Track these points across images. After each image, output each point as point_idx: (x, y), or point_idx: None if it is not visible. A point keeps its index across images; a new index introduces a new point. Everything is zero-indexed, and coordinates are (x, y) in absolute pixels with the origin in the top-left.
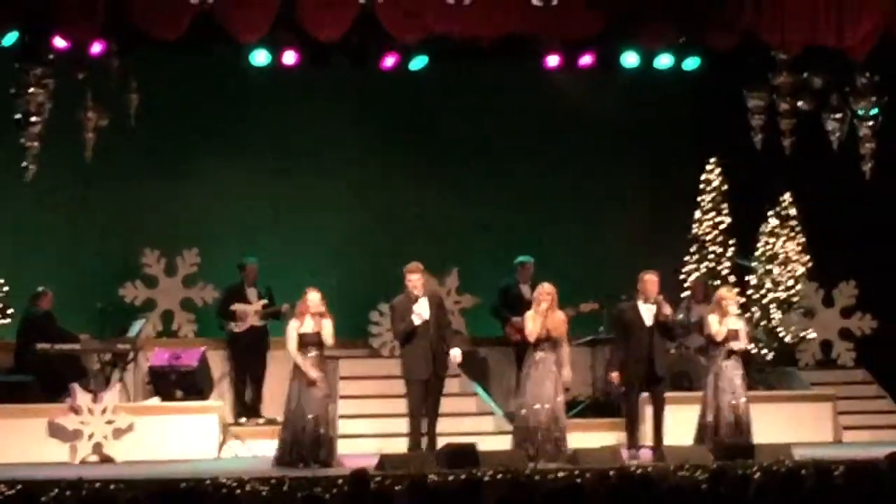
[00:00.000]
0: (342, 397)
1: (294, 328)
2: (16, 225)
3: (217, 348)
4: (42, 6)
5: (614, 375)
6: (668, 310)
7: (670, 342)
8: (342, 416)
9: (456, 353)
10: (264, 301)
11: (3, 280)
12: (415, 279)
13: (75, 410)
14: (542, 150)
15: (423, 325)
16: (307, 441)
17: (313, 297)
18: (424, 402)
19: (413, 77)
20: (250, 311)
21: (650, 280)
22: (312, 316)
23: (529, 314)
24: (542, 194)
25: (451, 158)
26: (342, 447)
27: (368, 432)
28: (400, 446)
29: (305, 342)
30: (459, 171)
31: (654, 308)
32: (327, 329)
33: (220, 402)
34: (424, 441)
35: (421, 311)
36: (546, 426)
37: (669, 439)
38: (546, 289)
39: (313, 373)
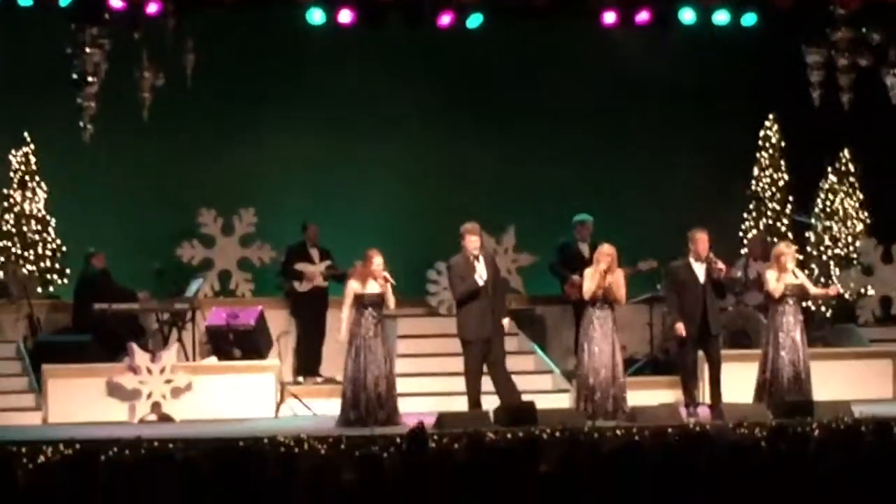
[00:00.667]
0: (400, 356)
1: (354, 288)
2: (73, 185)
3: (275, 307)
4: None
5: (679, 327)
6: (721, 266)
7: (722, 300)
8: (400, 375)
9: (506, 322)
10: (328, 262)
11: (60, 241)
12: (474, 240)
13: (133, 370)
14: (598, 109)
15: (482, 286)
16: (369, 400)
17: (377, 260)
18: (482, 362)
19: (469, 35)
20: (316, 272)
21: (700, 238)
22: (375, 278)
23: (588, 272)
24: (598, 152)
25: (507, 117)
26: (401, 406)
27: (427, 391)
28: (458, 405)
29: (366, 303)
30: (516, 130)
31: (705, 266)
32: (390, 291)
33: (277, 361)
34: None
35: (480, 272)
36: (605, 384)
37: (729, 397)
38: (606, 249)
39: (342, 334)
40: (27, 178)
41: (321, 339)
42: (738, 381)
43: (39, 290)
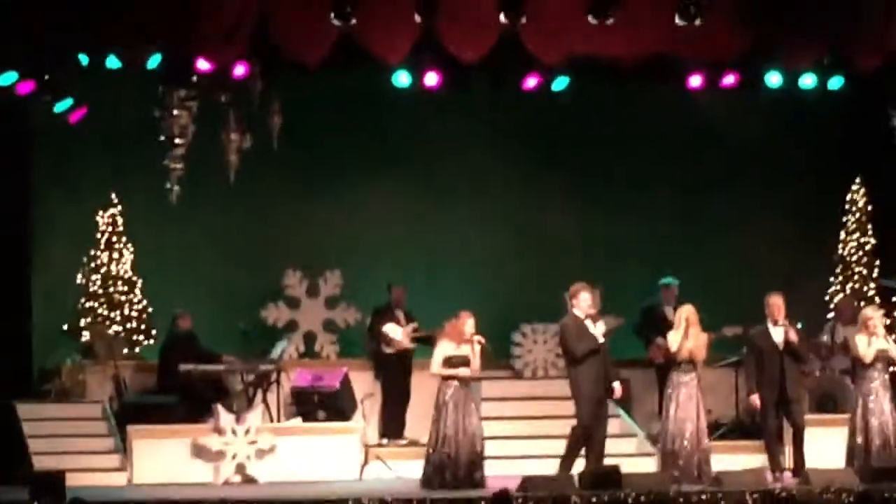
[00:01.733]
0: (483, 419)
1: (444, 350)
2: (160, 246)
3: (359, 369)
4: (186, 29)
5: (754, 398)
6: (793, 336)
7: (801, 364)
8: (484, 438)
9: (616, 386)
10: (415, 324)
11: (146, 302)
12: (588, 298)
13: (219, 431)
14: (685, 171)
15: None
16: (458, 462)
17: (470, 322)
18: (597, 422)
19: (555, 97)
20: (403, 334)
21: (773, 303)
22: (466, 340)
23: (672, 334)
24: (685, 215)
25: (593, 178)
26: (486, 469)
27: (510, 454)
28: (541, 468)
29: (455, 364)
30: (601, 191)
31: (783, 330)
32: (478, 355)
33: (361, 423)
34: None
35: (597, 332)
36: (689, 448)
37: (815, 462)
38: (688, 310)
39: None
40: (114, 238)
41: (406, 402)
42: (825, 446)
43: (126, 350)
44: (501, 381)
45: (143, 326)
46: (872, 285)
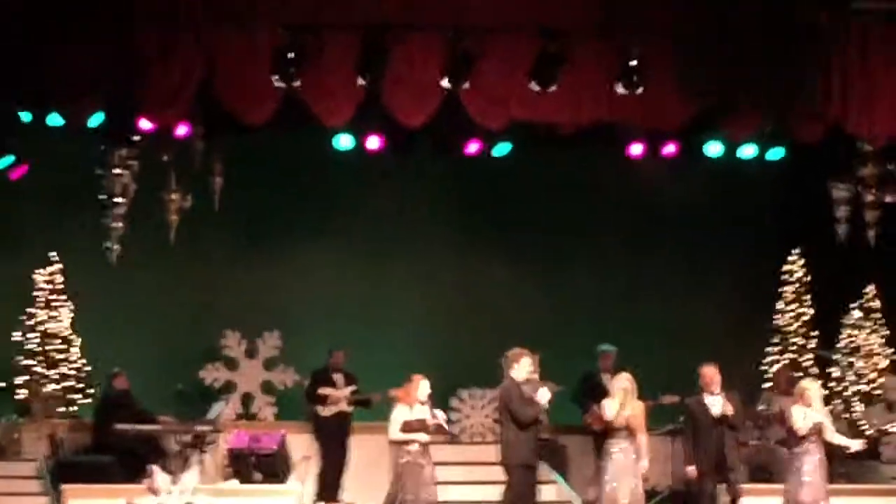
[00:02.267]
0: None
1: (401, 414)
2: (99, 305)
3: (297, 432)
4: (129, 88)
5: (690, 470)
6: (729, 408)
7: (736, 433)
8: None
9: (440, 414)
10: (352, 387)
11: (85, 360)
12: (529, 362)
13: (154, 491)
14: (624, 239)
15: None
16: None
17: (424, 386)
18: (527, 489)
19: (497, 162)
20: (341, 397)
21: (706, 373)
22: (422, 404)
23: (607, 402)
24: (624, 283)
25: (533, 244)
26: None
27: None
28: None
29: (413, 428)
30: (542, 258)
31: (720, 399)
32: (442, 417)
33: (298, 485)
34: None
35: (541, 400)
36: None
37: None
38: (625, 378)
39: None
40: (52, 297)
41: (343, 465)
42: None
43: (62, 409)
44: (439, 447)
45: (79, 385)
46: (809, 356)
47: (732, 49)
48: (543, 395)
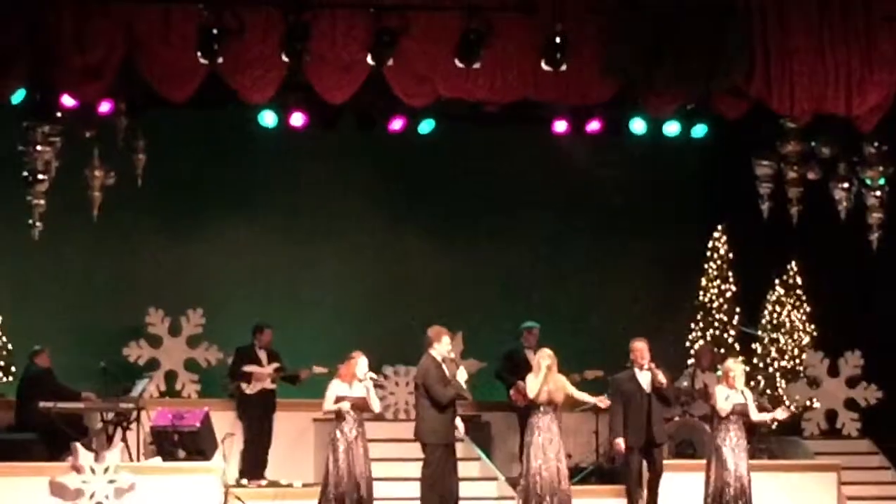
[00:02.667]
0: None
1: (336, 389)
2: (20, 282)
3: (220, 409)
4: (51, 64)
5: (618, 442)
6: (662, 378)
7: (668, 409)
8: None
9: (459, 423)
10: (277, 364)
11: (5, 338)
12: (448, 340)
13: (77, 469)
14: (548, 215)
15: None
16: (351, 502)
17: (363, 362)
18: (444, 468)
19: (421, 139)
20: (265, 374)
21: (638, 348)
22: (360, 381)
23: (530, 378)
24: (547, 259)
25: (458, 221)
26: None
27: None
28: None
29: (357, 407)
30: (466, 234)
31: (649, 375)
32: (374, 395)
33: (222, 463)
34: None
35: (462, 377)
36: (549, 492)
37: None
38: (546, 352)
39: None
40: None
41: (268, 442)
42: (683, 491)
43: None
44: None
45: (1, 363)
46: (732, 332)
47: (654, 25)
48: (461, 376)
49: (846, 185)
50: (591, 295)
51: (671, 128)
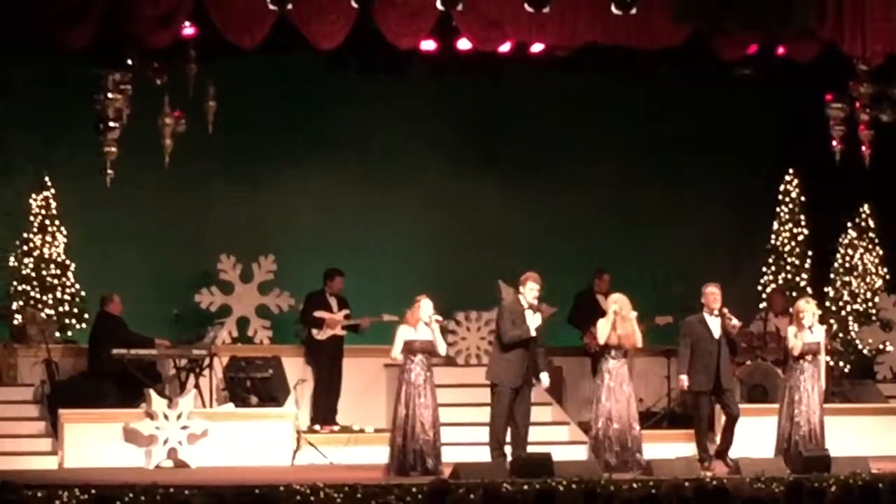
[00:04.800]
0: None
1: (403, 334)
2: (93, 230)
3: (292, 355)
4: (122, 12)
5: (682, 379)
6: (736, 322)
7: (735, 356)
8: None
9: (545, 378)
10: (346, 311)
11: (78, 286)
12: (535, 288)
13: (150, 415)
14: (621, 161)
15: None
16: (417, 447)
17: (426, 305)
18: (510, 409)
19: (492, 85)
20: (338, 320)
21: (711, 292)
22: (425, 324)
23: (601, 323)
24: (621, 204)
25: (530, 168)
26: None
27: (445, 441)
28: (475, 456)
29: (415, 349)
30: (538, 181)
31: (720, 320)
32: (440, 337)
33: (294, 408)
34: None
35: (533, 323)
36: (620, 436)
37: (746, 451)
38: (615, 297)
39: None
40: (47, 222)
41: (338, 388)
42: (755, 436)
43: (58, 334)
44: (435, 369)
45: (75, 310)
46: (805, 276)
47: None
48: (535, 321)
49: None
50: (663, 240)
51: (743, 72)
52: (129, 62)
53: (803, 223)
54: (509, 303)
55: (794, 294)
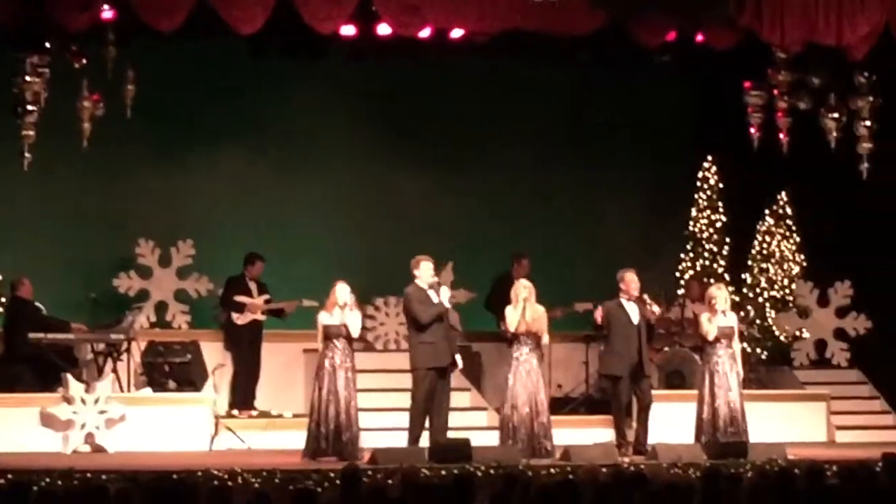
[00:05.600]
0: None
1: (321, 320)
2: (11, 214)
3: (210, 340)
4: None
5: (598, 313)
6: (656, 309)
7: (650, 342)
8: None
9: (458, 359)
10: (267, 296)
11: None
12: (429, 266)
13: (68, 400)
14: (539, 147)
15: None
16: (332, 432)
17: (342, 289)
18: (432, 394)
19: (410, 71)
20: (258, 305)
21: (629, 278)
22: (341, 308)
23: (509, 310)
24: (538, 191)
25: (448, 152)
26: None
27: (362, 427)
28: (393, 441)
29: (331, 334)
30: (453, 166)
31: (637, 306)
32: (353, 321)
33: (212, 393)
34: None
35: (442, 299)
36: (528, 422)
37: (664, 437)
38: (523, 283)
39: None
40: None
41: (256, 373)
42: (673, 422)
43: None
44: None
45: None
46: (722, 263)
47: None
48: (444, 294)
49: (836, 114)
50: (581, 225)
51: (660, 59)
52: (48, 45)
53: (721, 210)
54: (411, 289)
55: (711, 281)
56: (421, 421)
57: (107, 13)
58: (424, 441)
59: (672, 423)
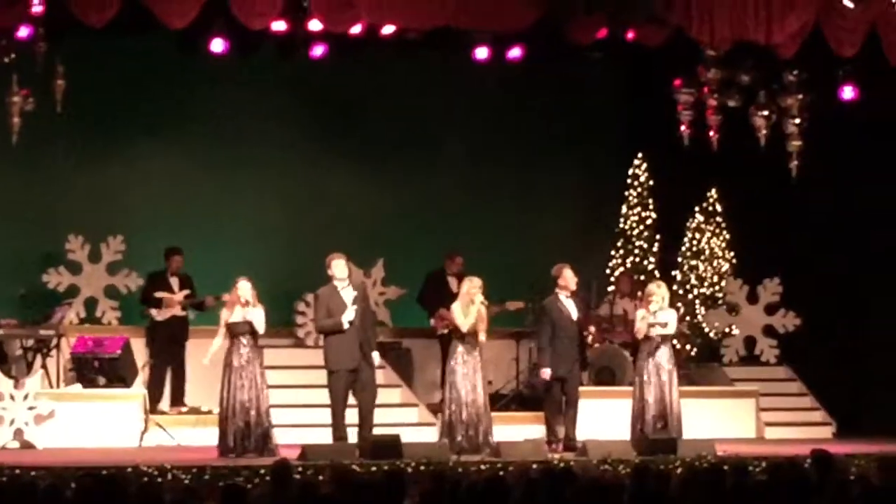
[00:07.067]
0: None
1: (224, 317)
2: None
3: (140, 336)
4: None
5: (545, 372)
6: (587, 307)
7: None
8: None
9: (376, 356)
10: (187, 291)
11: None
12: (340, 265)
13: None
14: (470, 143)
15: (350, 321)
16: (242, 429)
17: (244, 286)
18: (347, 393)
19: (342, 66)
20: (176, 300)
21: (566, 274)
22: (243, 305)
23: (457, 307)
24: (468, 187)
25: (378, 150)
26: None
27: (293, 422)
28: (323, 437)
29: (236, 331)
30: (386, 162)
31: (573, 301)
32: (257, 318)
33: (142, 390)
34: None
35: (348, 301)
36: (471, 419)
37: (594, 433)
38: (477, 283)
39: (206, 360)
40: None
41: (182, 369)
42: (603, 418)
43: None
44: (284, 350)
45: None
46: (652, 259)
47: None
48: (347, 315)
49: (766, 112)
50: (512, 222)
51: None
52: None
53: (651, 207)
54: (324, 289)
55: (642, 277)
56: (341, 420)
57: (37, 7)
58: (353, 437)
59: (602, 419)
